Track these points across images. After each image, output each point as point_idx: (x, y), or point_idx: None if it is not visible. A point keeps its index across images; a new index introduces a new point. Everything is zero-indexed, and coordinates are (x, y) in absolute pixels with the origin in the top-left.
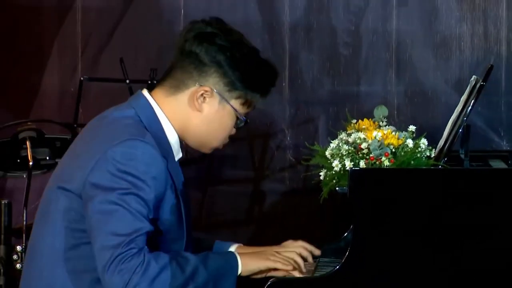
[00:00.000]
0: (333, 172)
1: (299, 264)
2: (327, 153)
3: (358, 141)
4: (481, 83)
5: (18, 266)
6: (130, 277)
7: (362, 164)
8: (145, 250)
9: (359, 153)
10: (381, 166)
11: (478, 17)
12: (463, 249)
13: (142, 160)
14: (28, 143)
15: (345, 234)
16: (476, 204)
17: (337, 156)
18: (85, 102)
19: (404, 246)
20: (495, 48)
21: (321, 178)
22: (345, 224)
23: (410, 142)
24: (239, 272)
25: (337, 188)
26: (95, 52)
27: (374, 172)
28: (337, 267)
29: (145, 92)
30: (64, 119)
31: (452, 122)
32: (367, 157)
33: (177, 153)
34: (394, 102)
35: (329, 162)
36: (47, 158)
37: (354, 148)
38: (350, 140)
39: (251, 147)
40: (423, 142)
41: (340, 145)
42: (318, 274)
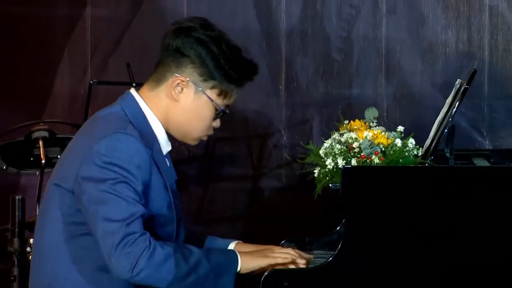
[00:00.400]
0: (327, 170)
1: (297, 257)
2: (321, 152)
3: (350, 141)
4: (465, 87)
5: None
6: (137, 260)
7: (354, 162)
8: (151, 237)
9: (351, 152)
10: (372, 164)
11: (463, 25)
12: (448, 243)
13: (126, 151)
14: (41, 143)
15: (338, 228)
16: (460, 200)
17: (330, 155)
18: (94, 104)
19: (392, 239)
20: (478, 54)
21: (315, 176)
22: (338, 218)
23: (399, 142)
24: (238, 269)
25: (330, 185)
26: (104, 58)
27: (365, 170)
28: (330, 259)
29: (132, 91)
30: (75, 120)
31: (438, 123)
32: (359, 156)
33: (165, 146)
34: (384, 104)
35: (323, 161)
36: (59, 157)
37: (346, 147)
38: (343, 140)
39: (250, 147)
40: (411, 142)
41: (333, 145)
42: (313, 265)
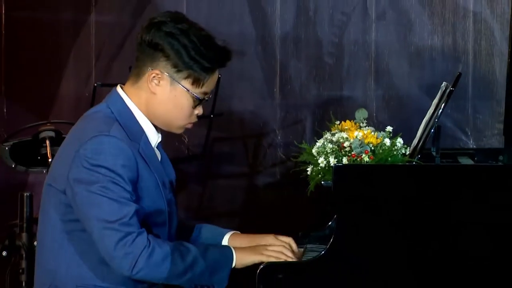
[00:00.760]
0: (319, 168)
1: (289, 255)
2: (314, 151)
3: (341, 140)
4: (451, 89)
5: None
6: (137, 260)
7: (345, 161)
8: (148, 235)
9: (342, 151)
10: (362, 163)
11: (448, 30)
12: (433, 238)
13: (110, 153)
14: (48, 142)
15: (329, 223)
16: (446, 197)
17: (323, 154)
18: None
19: (381, 234)
20: (463, 58)
21: (308, 173)
22: (329, 214)
23: (388, 141)
24: (234, 265)
25: (323, 182)
26: (107, 61)
27: (356, 168)
28: (323, 253)
29: (118, 88)
30: None
31: (425, 123)
32: (349, 154)
33: (155, 137)
34: (373, 106)
35: (316, 159)
36: None
37: (338, 147)
38: (334, 139)
39: (246, 146)
40: (399, 141)
41: (325, 144)
42: (305, 259)
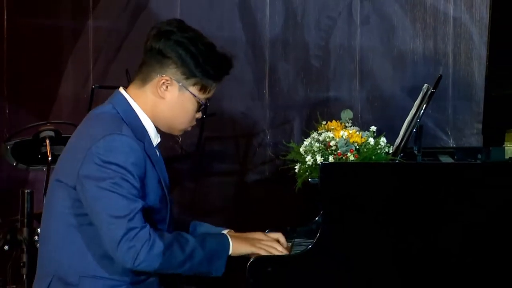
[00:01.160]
0: (306, 166)
1: (279, 249)
2: (301, 150)
3: (328, 140)
4: (432, 90)
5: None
6: (138, 253)
7: (331, 159)
8: (150, 230)
9: (328, 150)
10: (347, 161)
11: (429, 34)
12: (416, 233)
13: (121, 151)
14: (48, 141)
15: (316, 218)
16: (427, 194)
17: (310, 152)
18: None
19: (365, 229)
20: (443, 61)
21: (296, 171)
22: (316, 210)
23: (372, 140)
24: (230, 253)
25: (310, 179)
26: (105, 65)
27: (341, 166)
28: (309, 247)
29: (121, 90)
30: (78, 121)
31: (407, 123)
32: (335, 153)
33: (155, 138)
34: (358, 106)
35: (303, 157)
36: None
37: (324, 146)
38: (321, 139)
39: (237, 145)
40: (383, 140)
41: (312, 143)
42: (294, 252)
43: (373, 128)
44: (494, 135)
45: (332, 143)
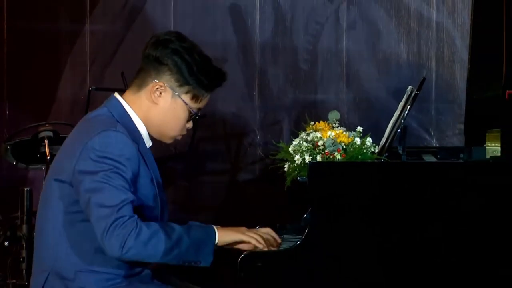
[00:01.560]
0: (295, 165)
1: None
2: (290, 149)
3: (316, 140)
4: (416, 92)
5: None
6: (126, 240)
7: (319, 158)
8: (138, 219)
9: (316, 149)
10: (334, 160)
11: (413, 39)
12: (400, 230)
13: (116, 146)
14: (46, 142)
15: (305, 215)
16: (411, 192)
17: (298, 152)
18: (93, 108)
19: (352, 226)
20: (427, 64)
21: (285, 170)
22: (305, 207)
23: (358, 140)
24: (216, 242)
25: (298, 178)
26: (101, 67)
27: (329, 165)
28: (298, 242)
29: (116, 95)
30: (76, 122)
31: (392, 124)
32: (323, 153)
33: (148, 142)
34: (345, 108)
35: (292, 157)
36: None
37: (312, 145)
38: (309, 139)
39: (228, 145)
40: (368, 140)
41: (301, 143)
42: (283, 248)
43: (359, 129)
44: (476, 136)
45: (320, 143)
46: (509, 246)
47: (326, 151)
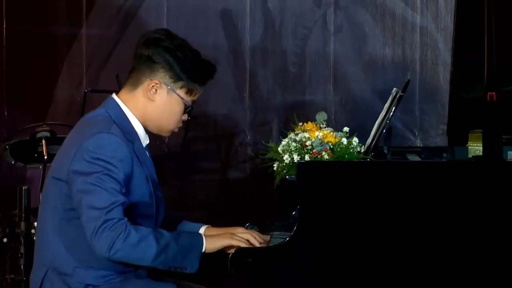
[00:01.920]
0: (284, 164)
1: (253, 242)
2: (279, 149)
3: (304, 140)
4: (400, 94)
5: (35, 238)
6: (114, 242)
7: (307, 158)
8: (127, 222)
9: (305, 149)
10: (322, 159)
11: (398, 42)
12: (385, 227)
13: (109, 148)
14: (44, 141)
15: (293, 213)
16: (396, 190)
17: (287, 151)
18: (89, 109)
19: (338, 222)
20: (411, 67)
21: (275, 169)
22: (293, 205)
23: (345, 140)
24: (204, 250)
25: (287, 177)
26: (97, 70)
27: (316, 164)
28: (287, 239)
29: (114, 95)
30: (72, 122)
31: (377, 124)
32: (311, 152)
33: (144, 140)
34: (332, 109)
35: (281, 156)
36: None
37: (301, 145)
38: (297, 139)
39: (219, 144)
40: (355, 140)
41: (290, 143)
42: (272, 245)
43: (346, 129)
44: (458, 136)
45: (308, 143)
46: (491, 243)
47: (314, 151)
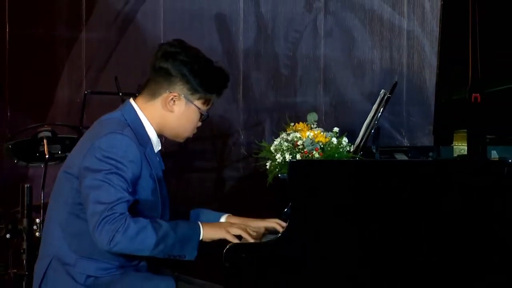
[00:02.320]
0: (276, 163)
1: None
2: (272, 148)
3: (295, 139)
4: (388, 96)
5: (37, 234)
6: (114, 235)
7: (298, 157)
8: (127, 215)
9: (296, 148)
10: (313, 158)
11: (385, 46)
12: (374, 222)
13: (121, 148)
14: (45, 141)
15: (285, 210)
16: (384, 188)
17: (279, 151)
18: (88, 110)
19: (329, 219)
20: (398, 69)
21: (267, 167)
22: (285, 202)
23: (335, 140)
24: (201, 238)
25: (279, 175)
26: (96, 72)
27: (308, 163)
28: (279, 235)
29: (131, 100)
30: (72, 123)
31: (366, 125)
32: (302, 151)
33: (156, 145)
34: (322, 110)
35: (273, 155)
36: (59, 152)
37: (292, 145)
38: (289, 139)
39: (215, 144)
40: (344, 140)
41: (282, 142)
42: (265, 240)
43: (336, 129)
44: (444, 136)
45: (299, 143)
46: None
47: (305, 150)
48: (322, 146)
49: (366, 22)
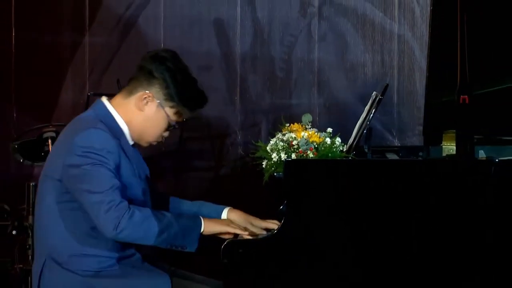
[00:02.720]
0: (272, 162)
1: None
2: (268, 148)
3: (290, 139)
4: (380, 97)
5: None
6: (119, 221)
7: (293, 156)
8: (128, 203)
9: (291, 148)
10: (307, 157)
11: (377, 50)
12: (365, 219)
13: (98, 141)
14: (50, 141)
15: (281, 207)
16: (376, 186)
17: (275, 150)
18: None
19: (322, 216)
20: (389, 72)
21: (263, 167)
22: (281, 200)
23: (328, 140)
24: (202, 230)
25: (275, 174)
26: (99, 75)
27: (302, 162)
28: (275, 232)
29: (102, 99)
30: None
31: (358, 125)
32: (297, 151)
33: (130, 139)
34: (316, 111)
35: (269, 155)
36: None
37: (288, 145)
38: (285, 139)
39: (213, 144)
40: (338, 140)
41: (277, 142)
42: (261, 237)
43: (330, 130)
44: (433, 136)
45: (294, 143)
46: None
47: (300, 150)
48: (316, 146)
49: (359, 27)
